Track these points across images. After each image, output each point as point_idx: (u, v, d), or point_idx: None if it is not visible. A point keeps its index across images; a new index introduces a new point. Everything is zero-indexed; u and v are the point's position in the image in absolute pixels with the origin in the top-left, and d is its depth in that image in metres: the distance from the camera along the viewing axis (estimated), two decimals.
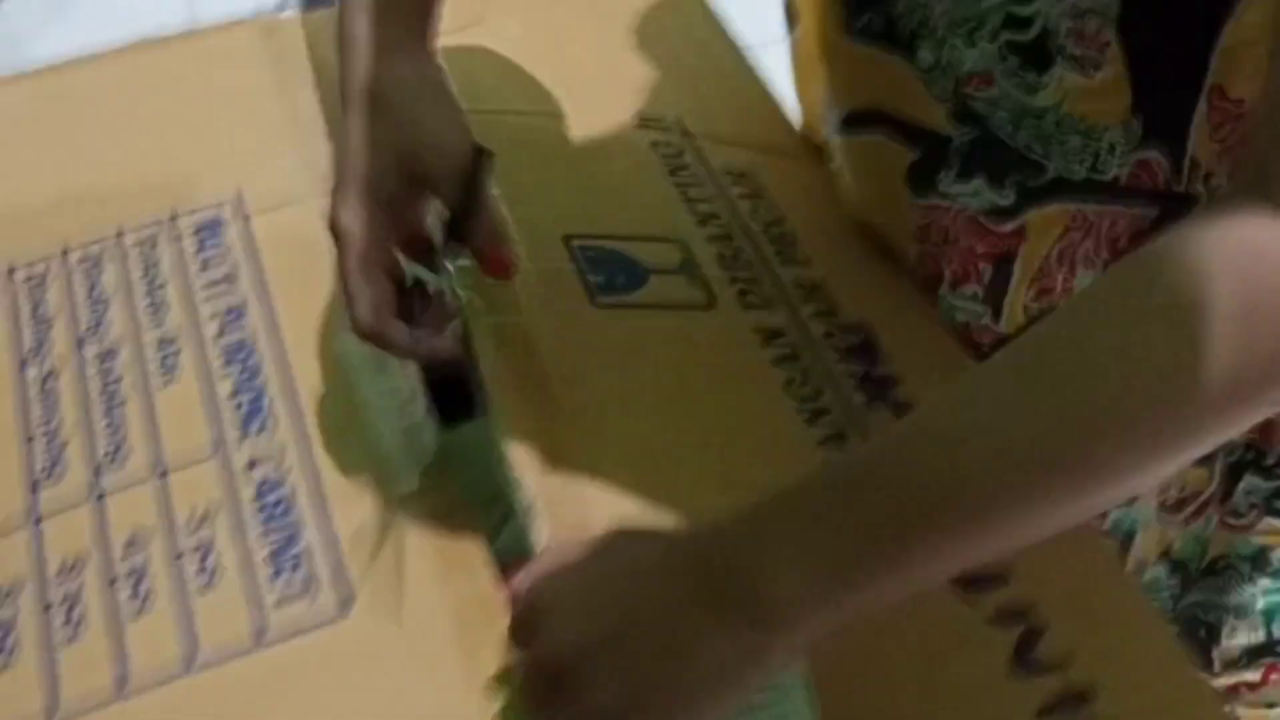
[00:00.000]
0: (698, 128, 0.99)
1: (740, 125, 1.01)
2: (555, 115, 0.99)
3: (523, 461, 0.77)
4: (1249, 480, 0.89)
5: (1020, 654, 0.71)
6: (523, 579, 0.71)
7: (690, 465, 0.76)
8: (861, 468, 0.64)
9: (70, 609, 0.76)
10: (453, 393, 0.84)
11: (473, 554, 0.76)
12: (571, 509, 0.75)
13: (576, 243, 0.89)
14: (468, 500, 0.78)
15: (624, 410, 0.80)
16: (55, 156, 1.01)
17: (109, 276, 0.92)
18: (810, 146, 1.00)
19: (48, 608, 0.76)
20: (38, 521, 0.80)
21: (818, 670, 0.68)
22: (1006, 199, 0.81)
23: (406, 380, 0.82)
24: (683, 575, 0.65)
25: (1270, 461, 0.89)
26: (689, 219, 0.92)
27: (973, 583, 0.73)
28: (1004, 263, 0.84)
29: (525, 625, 0.68)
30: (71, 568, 0.78)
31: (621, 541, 0.68)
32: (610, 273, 0.87)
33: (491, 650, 0.71)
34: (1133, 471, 0.61)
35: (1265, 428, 0.87)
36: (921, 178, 0.84)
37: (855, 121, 0.87)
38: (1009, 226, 0.83)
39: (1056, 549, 0.67)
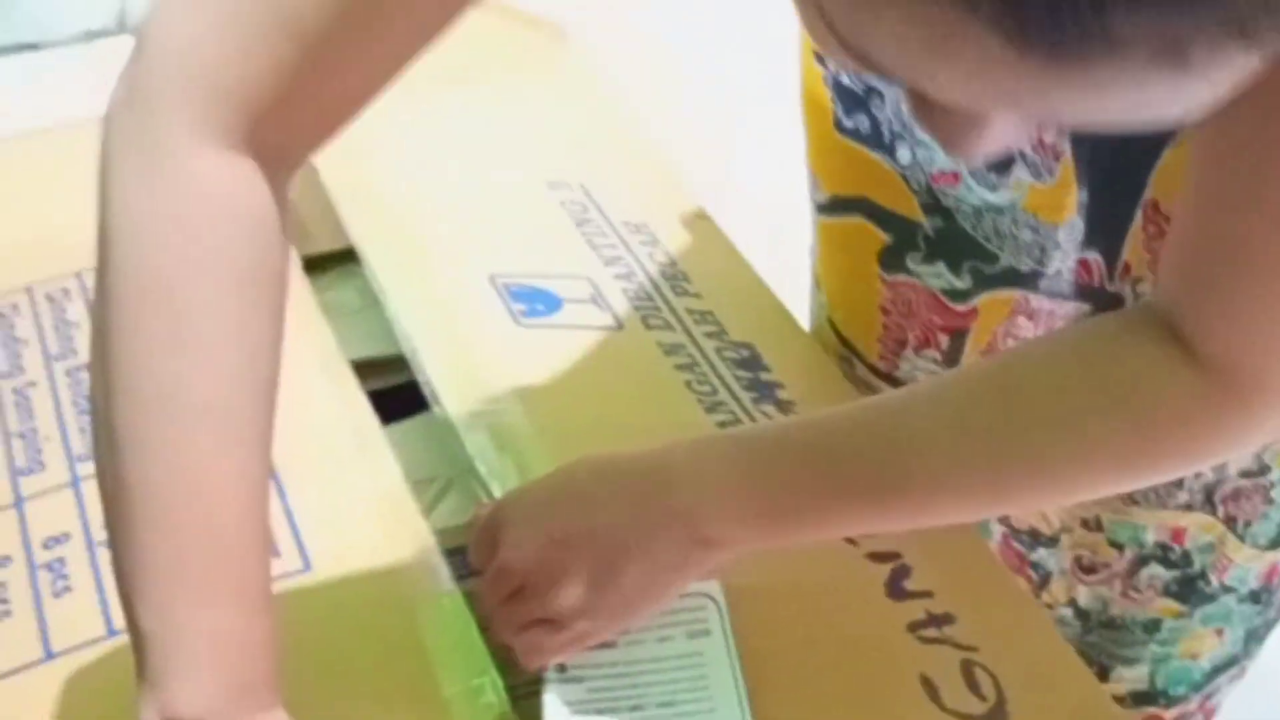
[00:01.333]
0: (598, 189, 1.13)
1: (635, 186, 1.16)
2: (480, 183, 1.13)
3: (474, 441, 0.89)
4: (1153, 568, 0.98)
5: (892, 583, 0.84)
6: (486, 506, 0.82)
7: (608, 443, 0.88)
8: (812, 436, 0.75)
9: (58, 572, 0.85)
10: (392, 396, 0.98)
11: (414, 524, 0.87)
12: (515, 478, 0.88)
13: (501, 280, 1.02)
14: (408, 482, 0.90)
15: (552, 403, 0.93)
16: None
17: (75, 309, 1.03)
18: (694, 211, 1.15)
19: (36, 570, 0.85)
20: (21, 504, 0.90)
21: (729, 582, 0.81)
22: (964, 283, 0.92)
23: None
24: (632, 498, 0.76)
25: (1174, 558, 0.97)
26: (596, 261, 1.05)
27: None
28: (959, 335, 0.95)
29: (487, 539, 0.79)
30: (57, 539, 0.87)
31: (577, 469, 0.79)
32: (531, 301, 1.00)
33: (430, 588, 0.83)
34: (1035, 502, 0.76)
35: (1176, 532, 0.96)
36: (893, 258, 0.94)
37: (838, 205, 0.98)
38: (964, 306, 0.93)
39: None
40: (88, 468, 0.91)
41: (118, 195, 0.61)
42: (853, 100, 0.91)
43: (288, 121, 0.62)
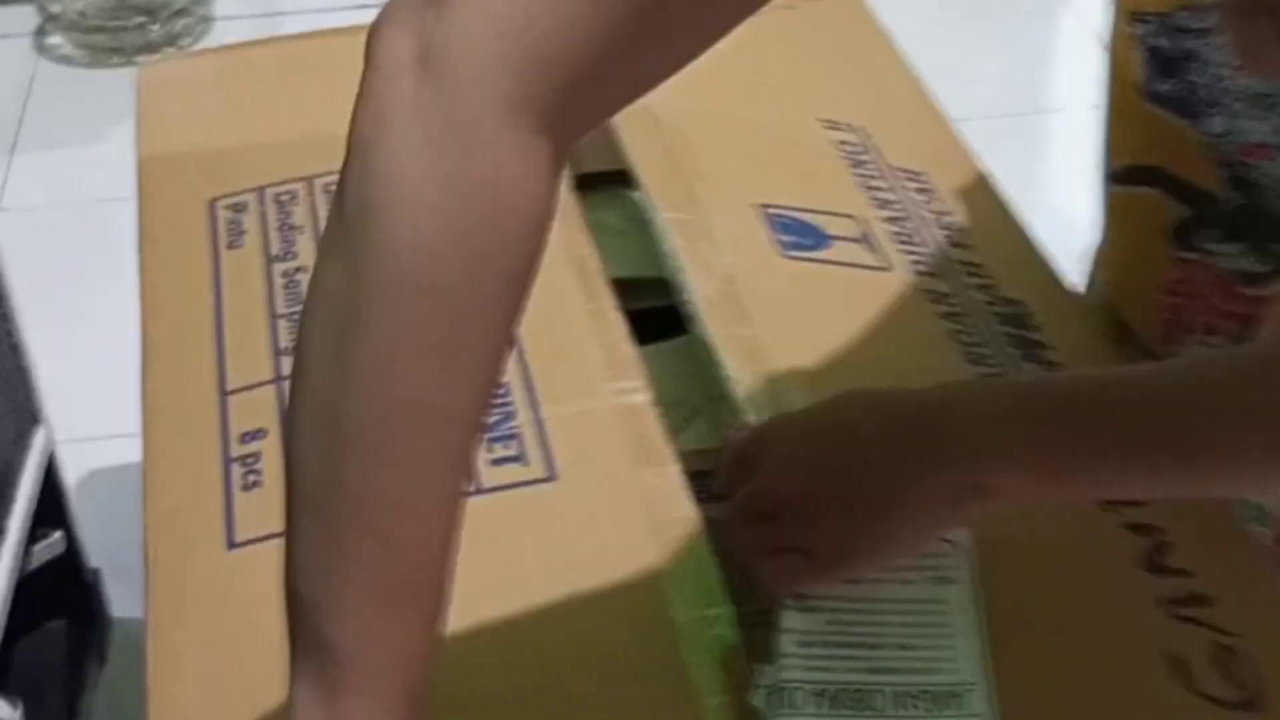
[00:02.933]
0: (877, 132, 1.10)
1: (913, 134, 1.13)
2: (754, 114, 1.11)
3: (730, 365, 0.88)
4: None
5: (1150, 557, 0.80)
6: (739, 429, 0.81)
7: (867, 381, 0.85)
8: (1106, 393, 0.72)
9: None
10: (651, 318, 0.97)
11: (659, 444, 0.86)
12: (769, 406, 0.85)
13: (769, 209, 1.00)
14: (658, 403, 0.89)
15: (811, 336, 0.91)
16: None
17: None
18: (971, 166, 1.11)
19: None
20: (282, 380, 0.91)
21: (978, 532, 0.78)
22: (1264, 265, 0.88)
23: None
24: (907, 437, 0.73)
25: None
26: (869, 202, 1.03)
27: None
28: (1249, 324, 0.90)
29: (743, 462, 0.78)
30: None
31: (850, 401, 0.77)
32: (798, 234, 0.98)
33: (670, 511, 0.81)
34: None
35: None
36: (1186, 234, 0.90)
37: (1133, 175, 0.94)
38: (1259, 292, 0.89)
39: None
40: None
41: (400, 170, 0.55)
42: (1167, 64, 0.87)
43: (597, 97, 0.57)
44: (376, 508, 0.58)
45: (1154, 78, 0.88)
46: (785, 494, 0.75)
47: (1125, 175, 0.94)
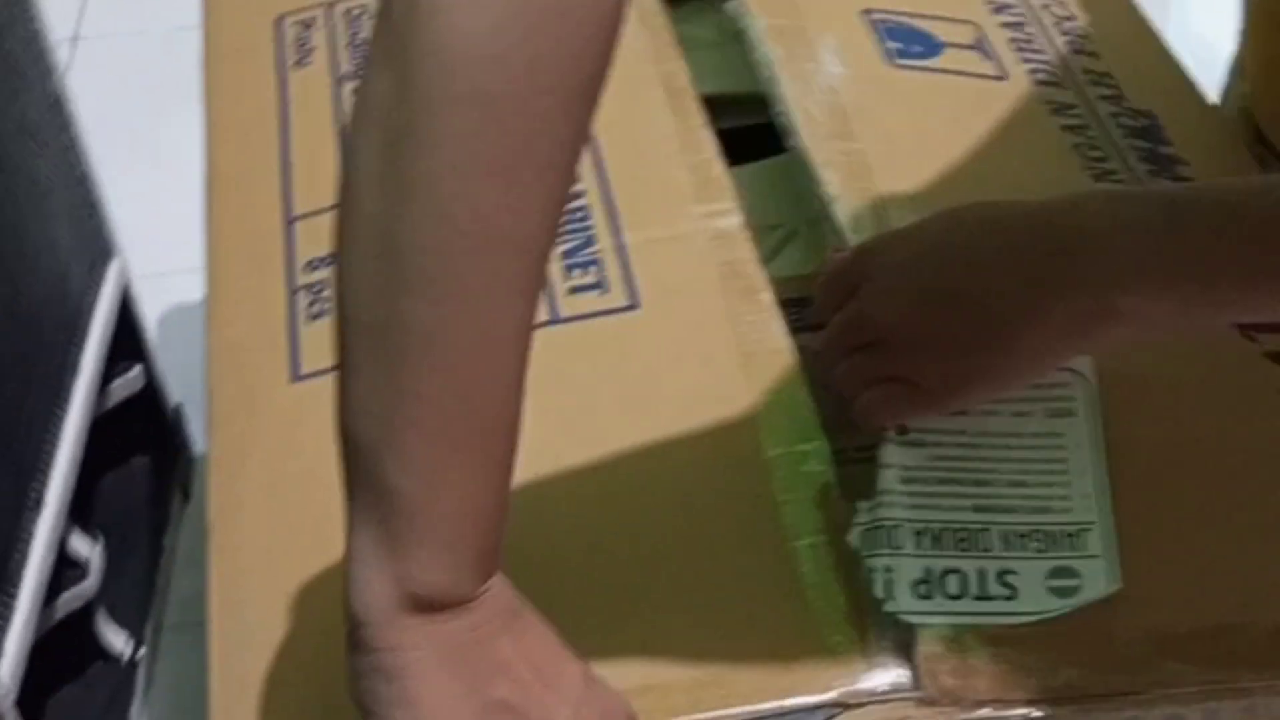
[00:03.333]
0: None
1: None
2: None
3: (831, 182, 0.81)
4: None
5: None
6: (841, 250, 0.74)
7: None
8: (1256, 201, 0.64)
9: None
10: (745, 136, 0.89)
11: (751, 270, 0.79)
12: (872, 227, 0.79)
13: (874, 15, 0.92)
14: (751, 226, 0.82)
15: (921, 151, 0.83)
16: None
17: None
18: None
19: None
20: None
21: (1102, 363, 0.71)
22: None
23: None
24: (1026, 257, 0.66)
25: None
26: (984, 6, 0.95)
27: (1251, 324, 0.75)
28: None
29: (843, 285, 0.71)
30: None
31: (960, 218, 0.70)
32: (906, 41, 0.91)
33: (762, 341, 0.75)
34: None
35: None
36: None
37: None
38: None
39: None
40: None
41: None
42: None
43: None
44: (439, 343, 0.53)
45: None
46: (888, 319, 0.69)
47: None
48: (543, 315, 0.77)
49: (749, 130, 0.92)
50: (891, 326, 0.69)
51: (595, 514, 0.69)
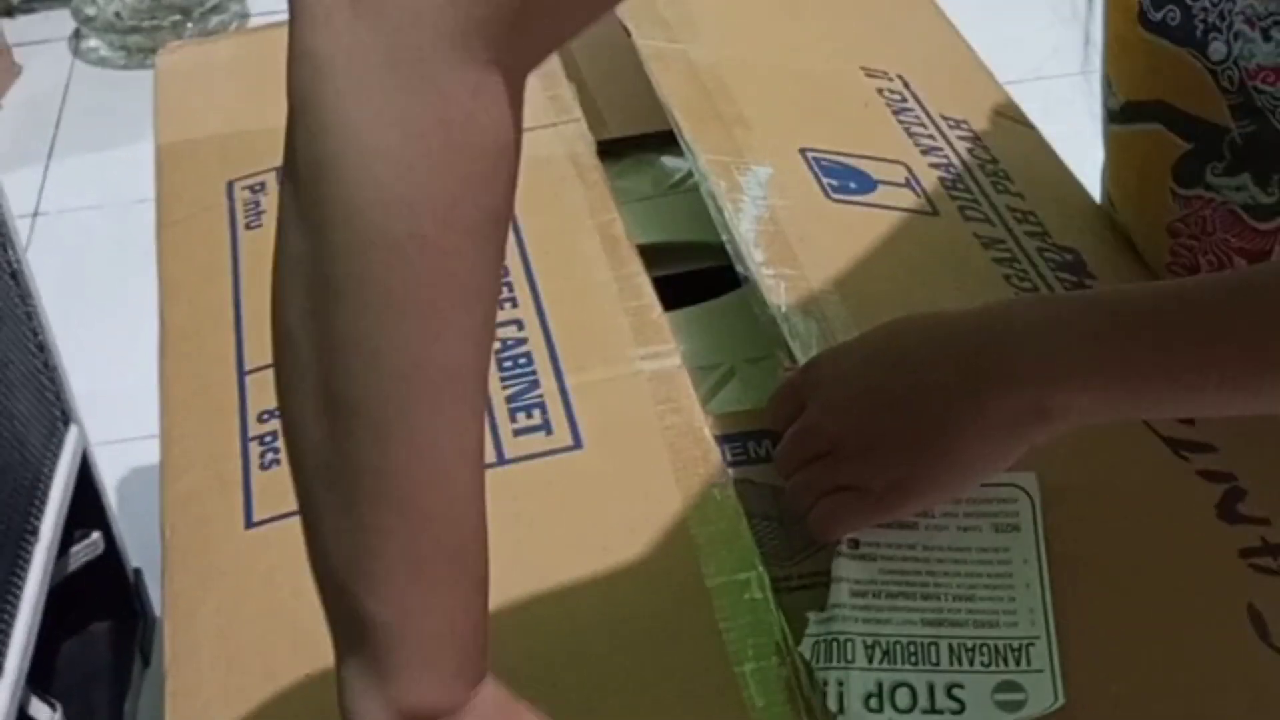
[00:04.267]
0: (917, 83, 1.06)
1: (954, 85, 1.08)
2: (793, 62, 1.06)
3: (777, 304, 0.83)
4: None
5: (1224, 505, 0.75)
6: (792, 368, 0.76)
7: None
8: (1180, 301, 0.67)
9: None
10: (679, 283, 0.93)
11: (690, 408, 0.81)
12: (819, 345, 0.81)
13: (811, 154, 0.96)
14: (689, 367, 0.84)
15: (862, 277, 0.86)
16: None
17: None
18: (1013, 114, 1.06)
19: None
20: None
21: (1044, 484, 0.73)
22: (1271, 196, 0.83)
23: None
24: (962, 358, 0.69)
25: None
26: (912, 148, 0.98)
27: (1184, 444, 0.78)
28: (1258, 259, 0.86)
29: (793, 398, 0.73)
30: None
31: (898, 327, 0.72)
32: (843, 178, 0.94)
33: (702, 475, 0.77)
34: None
35: None
36: (1190, 169, 0.86)
37: (1133, 111, 0.89)
38: (1268, 225, 0.84)
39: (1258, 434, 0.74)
40: None
41: (346, 120, 0.51)
42: None
43: (545, 24, 0.53)
44: (392, 480, 0.54)
45: (1151, 6, 0.84)
46: (837, 429, 0.71)
47: (1125, 113, 0.90)
48: (489, 457, 0.78)
49: (683, 277, 0.96)
50: (840, 435, 0.71)
51: (544, 644, 0.70)
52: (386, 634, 0.55)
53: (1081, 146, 1.06)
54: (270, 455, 0.83)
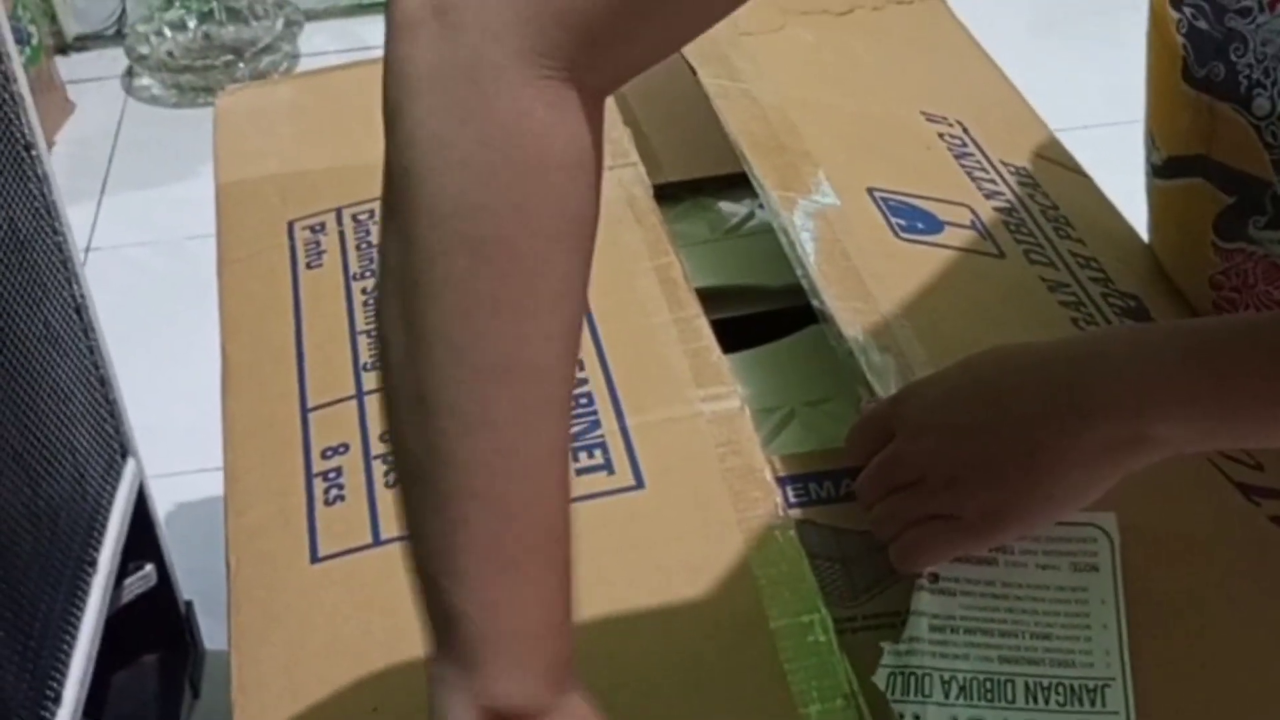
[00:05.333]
0: (975, 128, 1.06)
1: (1010, 131, 1.08)
2: (855, 105, 1.07)
3: (854, 336, 0.84)
4: None
5: None
6: (875, 400, 0.77)
7: None
8: (1265, 329, 0.67)
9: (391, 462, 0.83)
10: (737, 327, 0.94)
11: (750, 449, 0.82)
12: (896, 380, 0.81)
13: (878, 193, 0.96)
14: (750, 409, 0.85)
15: (934, 314, 0.87)
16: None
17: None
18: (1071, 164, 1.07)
19: (371, 460, 0.84)
20: (363, 396, 0.89)
21: (1122, 525, 0.74)
22: None
23: None
24: (1051, 389, 0.69)
25: None
26: (975, 191, 0.98)
27: (1254, 489, 0.78)
28: None
29: (876, 431, 0.74)
30: None
31: (984, 359, 0.73)
32: (910, 218, 0.94)
33: (764, 516, 0.77)
34: None
35: None
36: (1232, 223, 0.86)
37: (1176, 166, 0.90)
38: None
39: None
40: None
41: (430, 130, 0.54)
42: (1209, 46, 0.83)
43: (621, 51, 0.55)
44: (476, 472, 0.56)
45: (1195, 62, 0.84)
46: (927, 459, 0.71)
47: (1168, 168, 0.91)
48: None
49: (742, 320, 0.96)
50: (930, 465, 0.71)
51: (608, 683, 0.69)
52: (472, 628, 0.57)
53: (1130, 194, 1.07)
54: (335, 491, 0.83)
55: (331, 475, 0.85)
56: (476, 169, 0.53)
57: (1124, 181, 1.08)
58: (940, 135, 1.04)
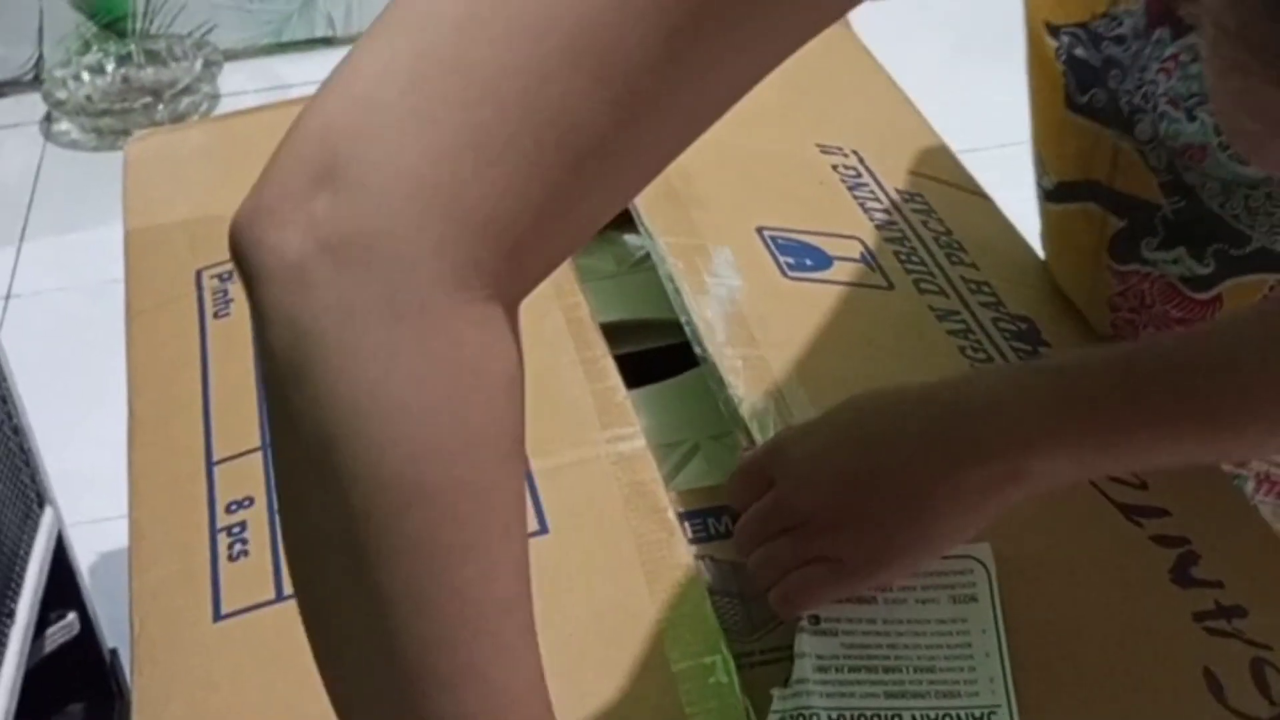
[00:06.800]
0: (871, 157, 1.08)
1: (908, 157, 1.10)
2: (749, 141, 1.08)
3: (735, 384, 0.85)
4: None
5: (1178, 569, 0.76)
6: (752, 448, 0.78)
7: None
8: (1142, 359, 0.69)
9: None
10: (642, 361, 0.95)
11: (654, 490, 0.82)
12: (779, 423, 0.82)
13: (768, 232, 0.98)
14: (653, 444, 0.86)
15: (819, 354, 0.88)
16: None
17: None
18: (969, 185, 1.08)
19: (275, 514, 0.84)
20: (268, 448, 0.89)
21: (998, 550, 0.75)
22: (1206, 268, 0.85)
23: None
24: (929, 432, 0.70)
25: None
26: (867, 223, 1.00)
27: (1136, 509, 0.79)
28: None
29: (756, 477, 0.75)
30: None
31: (861, 404, 0.74)
32: (799, 255, 0.95)
33: (666, 557, 0.78)
34: None
35: None
36: (1126, 245, 0.88)
37: (1066, 191, 0.91)
38: (1205, 295, 0.86)
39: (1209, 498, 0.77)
40: None
41: (353, 381, 0.48)
42: (1088, 74, 0.85)
43: (542, 248, 0.51)
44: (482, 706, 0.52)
45: (1077, 90, 0.86)
46: (805, 505, 0.72)
47: (1059, 193, 0.92)
48: None
49: (648, 353, 0.97)
50: (811, 511, 0.72)
51: None
52: None
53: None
54: (239, 546, 0.83)
55: (235, 530, 0.85)
56: (420, 412, 0.49)
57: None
58: (834, 167, 1.05)
